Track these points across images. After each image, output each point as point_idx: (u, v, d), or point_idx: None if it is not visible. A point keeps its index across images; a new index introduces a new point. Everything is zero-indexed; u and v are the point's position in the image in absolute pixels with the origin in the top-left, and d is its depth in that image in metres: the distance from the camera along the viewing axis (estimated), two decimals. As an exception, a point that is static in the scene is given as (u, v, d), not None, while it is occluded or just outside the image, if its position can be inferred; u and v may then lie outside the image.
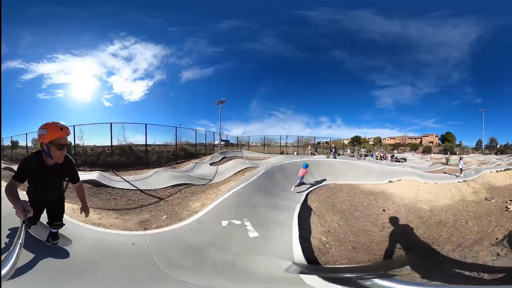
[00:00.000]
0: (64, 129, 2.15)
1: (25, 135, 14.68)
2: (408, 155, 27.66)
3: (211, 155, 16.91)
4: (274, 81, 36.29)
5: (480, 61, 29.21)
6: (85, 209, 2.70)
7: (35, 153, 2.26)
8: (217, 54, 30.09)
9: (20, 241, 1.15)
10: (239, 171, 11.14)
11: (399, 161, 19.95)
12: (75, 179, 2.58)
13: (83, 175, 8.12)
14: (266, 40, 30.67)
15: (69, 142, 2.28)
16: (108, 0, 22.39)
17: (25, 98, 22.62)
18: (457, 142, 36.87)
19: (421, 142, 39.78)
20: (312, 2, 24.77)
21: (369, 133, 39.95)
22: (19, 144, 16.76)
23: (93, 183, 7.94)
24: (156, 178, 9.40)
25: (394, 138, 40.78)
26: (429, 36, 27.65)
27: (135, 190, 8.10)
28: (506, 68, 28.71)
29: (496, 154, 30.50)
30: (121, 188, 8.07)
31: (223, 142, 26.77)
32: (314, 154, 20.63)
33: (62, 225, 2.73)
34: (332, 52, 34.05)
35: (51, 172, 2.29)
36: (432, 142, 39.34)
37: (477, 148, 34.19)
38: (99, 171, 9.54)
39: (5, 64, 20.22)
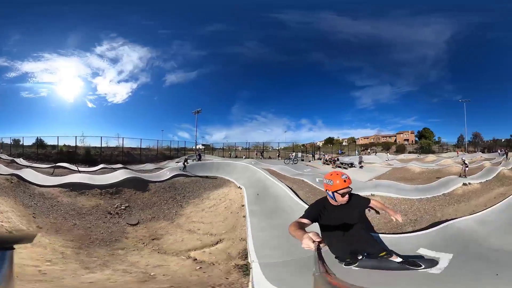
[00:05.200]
0: (347, 181, 2.45)
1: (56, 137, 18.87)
2: (370, 157, 25.38)
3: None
4: (255, 85, 36.67)
5: (458, 58, 29.64)
6: (395, 215, 2.76)
7: (321, 200, 2.65)
8: (201, 57, 30.64)
9: (317, 274, 1.03)
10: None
11: (343, 168, 16.32)
12: (364, 203, 2.79)
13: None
14: (248, 43, 31.45)
15: (350, 188, 2.50)
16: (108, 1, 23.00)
17: (8, 96, 23.13)
18: (436, 139, 33.29)
19: (395, 140, 36.44)
20: (280, 5, 25.25)
21: (350, 133, 39.28)
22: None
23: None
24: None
25: (367, 138, 38.15)
26: (402, 35, 28.49)
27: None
28: (485, 64, 28.86)
29: (483, 152, 26.08)
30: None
31: (203, 146, 29.40)
32: (261, 158, 22.35)
33: (389, 255, 2.79)
34: (310, 54, 34.46)
35: (338, 209, 2.57)
36: (407, 140, 35.90)
37: (459, 145, 30.10)
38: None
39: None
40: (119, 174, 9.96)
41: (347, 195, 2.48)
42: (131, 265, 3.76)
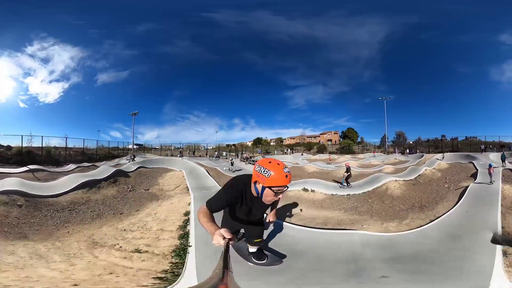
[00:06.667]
0: (288, 176, 1.83)
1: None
2: (287, 156, 26.01)
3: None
4: (188, 84, 35.78)
5: (391, 59, 29.33)
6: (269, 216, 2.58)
7: (242, 185, 2.05)
8: (133, 57, 30.45)
9: (229, 271, 0.90)
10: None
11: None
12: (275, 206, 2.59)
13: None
14: (180, 43, 31.17)
15: (287, 187, 1.90)
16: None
17: None
18: (359, 139, 32.28)
19: (319, 141, 36.13)
20: (214, 4, 24.97)
21: (282, 133, 38.92)
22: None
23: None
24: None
25: (294, 138, 38.31)
26: (337, 35, 28.06)
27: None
28: (416, 64, 28.76)
29: (403, 153, 25.43)
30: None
31: (137, 146, 30.03)
32: (193, 156, 26.02)
33: (261, 242, 2.66)
34: (243, 54, 34.01)
35: (252, 203, 2.11)
36: (330, 140, 35.49)
37: (381, 146, 29.30)
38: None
39: None
40: (105, 169, 14.07)
41: (281, 195, 1.91)
42: (177, 195, 10.99)
